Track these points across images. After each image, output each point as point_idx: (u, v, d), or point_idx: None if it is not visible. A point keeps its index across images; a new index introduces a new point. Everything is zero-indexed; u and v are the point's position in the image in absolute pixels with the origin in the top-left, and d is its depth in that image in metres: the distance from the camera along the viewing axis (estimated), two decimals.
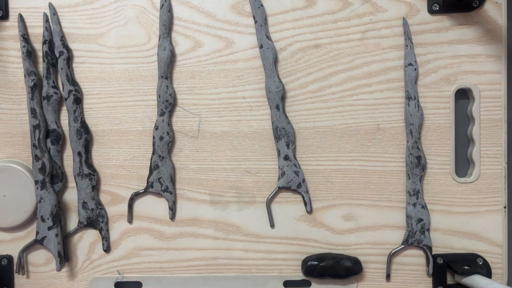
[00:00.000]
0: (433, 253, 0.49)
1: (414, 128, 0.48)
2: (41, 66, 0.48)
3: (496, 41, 0.48)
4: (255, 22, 0.48)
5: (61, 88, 0.49)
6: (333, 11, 0.48)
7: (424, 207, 0.48)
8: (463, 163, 0.50)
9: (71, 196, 0.50)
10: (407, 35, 0.48)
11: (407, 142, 0.48)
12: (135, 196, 0.49)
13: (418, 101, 0.48)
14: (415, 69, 0.48)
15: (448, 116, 0.49)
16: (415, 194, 0.48)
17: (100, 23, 0.49)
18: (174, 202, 0.49)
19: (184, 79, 0.49)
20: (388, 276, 0.49)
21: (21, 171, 0.48)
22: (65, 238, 0.49)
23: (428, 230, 0.48)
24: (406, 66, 0.48)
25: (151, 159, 0.49)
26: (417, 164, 0.48)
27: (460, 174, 0.49)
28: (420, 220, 0.48)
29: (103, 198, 0.50)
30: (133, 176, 0.50)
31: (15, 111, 0.50)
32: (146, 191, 0.49)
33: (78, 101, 0.49)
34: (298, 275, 0.49)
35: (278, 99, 0.48)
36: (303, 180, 0.48)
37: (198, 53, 0.49)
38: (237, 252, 0.49)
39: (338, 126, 0.49)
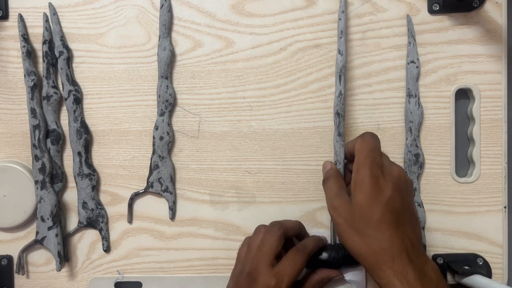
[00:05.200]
0: (433, 253, 0.49)
1: (414, 125, 0.48)
2: (41, 66, 0.48)
3: (496, 41, 0.48)
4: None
5: (61, 88, 0.49)
6: (333, 11, 0.48)
7: (420, 205, 0.48)
8: (463, 163, 0.50)
9: (71, 196, 0.50)
10: (410, 33, 0.48)
11: (406, 139, 0.48)
12: (135, 196, 0.49)
13: (418, 98, 0.48)
14: (417, 67, 0.48)
15: (448, 116, 0.49)
16: None
17: (100, 23, 0.49)
18: (174, 202, 0.49)
19: (184, 79, 0.49)
20: None
21: (21, 171, 0.48)
22: (65, 238, 0.49)
23: (424, 228, 0.48)
24: (408, 64, 0.48)
25: (151, 159, 0.49)
26: (415, 161, 0.48)
27: (460, 174, 0.49)
28: None
29: (103, 198, 0.50)
30: (133, 176, 0.50)
31: (15, 111, 0.50)
32: (146, 191, 0.49)
33: (78, 101, 0.49)
34: None
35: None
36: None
37: (198, 53, 0.49)
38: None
39: None
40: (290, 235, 0.44)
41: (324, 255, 0.45)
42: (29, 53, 0.48)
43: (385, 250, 0.37)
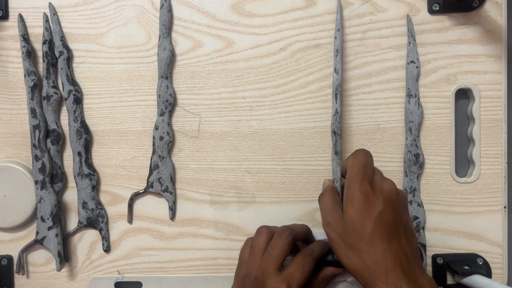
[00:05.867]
0: (433, 253, 0.49)
1: (414, 125, 0.48)
2: (41, 66, 0.48)
3: (496, 41, 0.48)
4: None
5: (61, 88, 0.49)
6: (333, 11, 0.48)
7: (420, 205, 0.48)
8: (463, 163, 0.50)
9: (71, 196, 0.50)
10: (411, 33, 0.48)
11: (406, 139, 0.48)
12: (135, 196, 0.49)
13: (418, 98, 0.48)
14: (417, 67, 0.48)
15: (448, 116, 0.49)
16: (411, 192, 0.48)
17: (100, 23, 0.49)
18: (174, 202, 0.49)
19: (184, 79, 0.49)
20: None
21: (21, 171, 0.48)
22: (65, 238, 0.49)
23: (424, 228, 0.48)
24: (408, 64, 0.48)
25: (151, 159, 0.49)
26: (415, 161, 0.48)
27: (460, 174, 0.49)
28: (415, 218, 0.48)
29: (103, 198, 0.50)
30: (133, 176, 0.50)
31: (15, 111, 0.50)
32: (146, 191, 0.49)
33: (78, 101, 0.49)
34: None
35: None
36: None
37: (198, 53, 0.49)
38: (237, 252, 0.49)
39: None
40: (298, 240, 0.45)
41: (329, 257, 0.45)
42: (29, 53, 0.48)
43: (379, 264, 0.37)
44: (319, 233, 0.48)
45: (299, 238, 0.44)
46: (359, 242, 0.38)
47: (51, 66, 0.48)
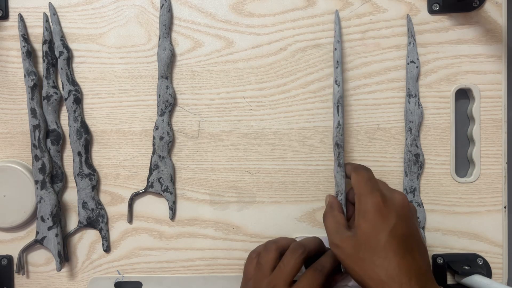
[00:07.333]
0: (433, 253, 0.49)
1: (414, 125, 0.48)
2: (41, 66, 0.48)
3: (496, 41, 0.48)
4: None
5: (61, 88, 0.49)
6: (333, 11, 0.48)
7: (420, 205, 0.48)
8: (463, 163, 0.50)
9: (71, 196, 0.50)
10: (410, 32, 0.48)
11: (406, 139, 0.48)
12: (135, 196, 0.49)
13: (418, 98, 0.48)
14: (417, 67, 0.48)
15: (448, 116, 0.49)
16: (411, 192, 0.48)
17: (100, 23, 0.49)
18: (174, 202, 0.49)
19: (184, 79, 0.49)
20: None
21: (21, 171, 0.48)
22: (65, 238, 0.49)
23: (424, 228, 0.49)
24: (408, 64, 0.48)
25: (151, 159, 0.49)
26: (415, 161, 0.48)
27: (460, 174, 0.49)
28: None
29: (103, 198, 0.50)
30: (133, 176, 0.50)
31: (15, 111, 0.50)
32: (146, 191, 0.49)
33: (78, 101, 0.49)
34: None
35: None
36: None
37: (198, 53, 0.49)
38: (237, 252, 0.50)
39: None
40: (310, 257, 0.44)
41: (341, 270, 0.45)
42: (29, 53, 0.48)
43: (393, 278, 0.36)
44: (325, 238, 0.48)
45: (311, 254, 0.43)
46: (372, 256, 0.37)
47: (51, 66, 0.48)
